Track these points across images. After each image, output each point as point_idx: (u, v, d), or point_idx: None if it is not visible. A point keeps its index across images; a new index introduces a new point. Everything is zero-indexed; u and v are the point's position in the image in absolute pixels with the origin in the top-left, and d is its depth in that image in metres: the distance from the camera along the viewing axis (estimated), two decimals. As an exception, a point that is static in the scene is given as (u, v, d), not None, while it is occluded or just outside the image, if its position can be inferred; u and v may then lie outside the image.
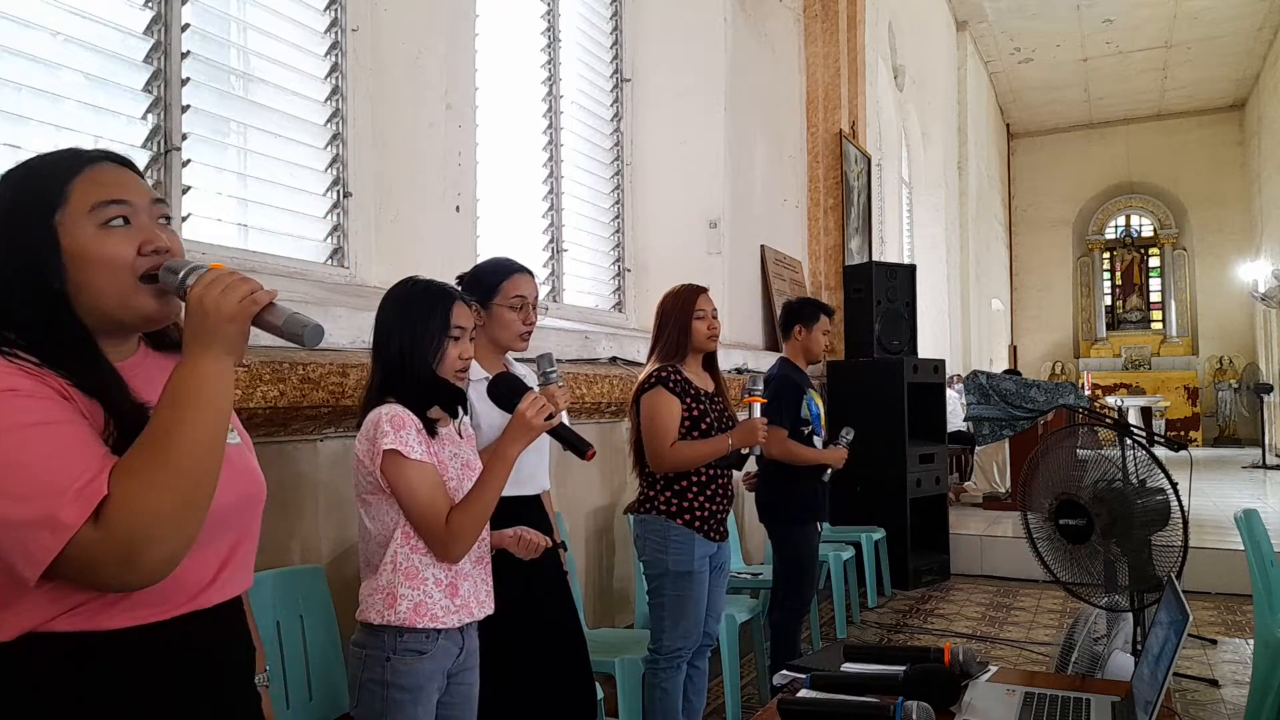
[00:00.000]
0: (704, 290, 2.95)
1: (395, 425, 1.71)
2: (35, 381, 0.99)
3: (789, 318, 3.76)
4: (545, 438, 2.30)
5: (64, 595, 1.00)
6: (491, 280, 2.33)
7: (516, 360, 2.51)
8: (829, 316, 3.78)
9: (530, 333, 2.36)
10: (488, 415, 2.24)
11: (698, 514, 2.79)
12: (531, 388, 1.85)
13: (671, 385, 2.80)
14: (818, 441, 3.58)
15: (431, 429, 1.78)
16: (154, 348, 1.19)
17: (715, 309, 2.97)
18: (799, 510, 3.51)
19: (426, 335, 1.79)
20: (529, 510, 2.35)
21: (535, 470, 2.39)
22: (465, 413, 1.91)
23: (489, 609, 1.86)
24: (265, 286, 1.06)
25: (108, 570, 0.96)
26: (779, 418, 3.34)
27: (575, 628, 2.42)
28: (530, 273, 2.40)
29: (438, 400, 1.82)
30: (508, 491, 2.22)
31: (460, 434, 1.90)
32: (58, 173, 1.08)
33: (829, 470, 3.54)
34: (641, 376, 2.90)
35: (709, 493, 2.83)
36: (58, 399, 1.00)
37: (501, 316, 2.31)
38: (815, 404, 3.58)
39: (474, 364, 2.27)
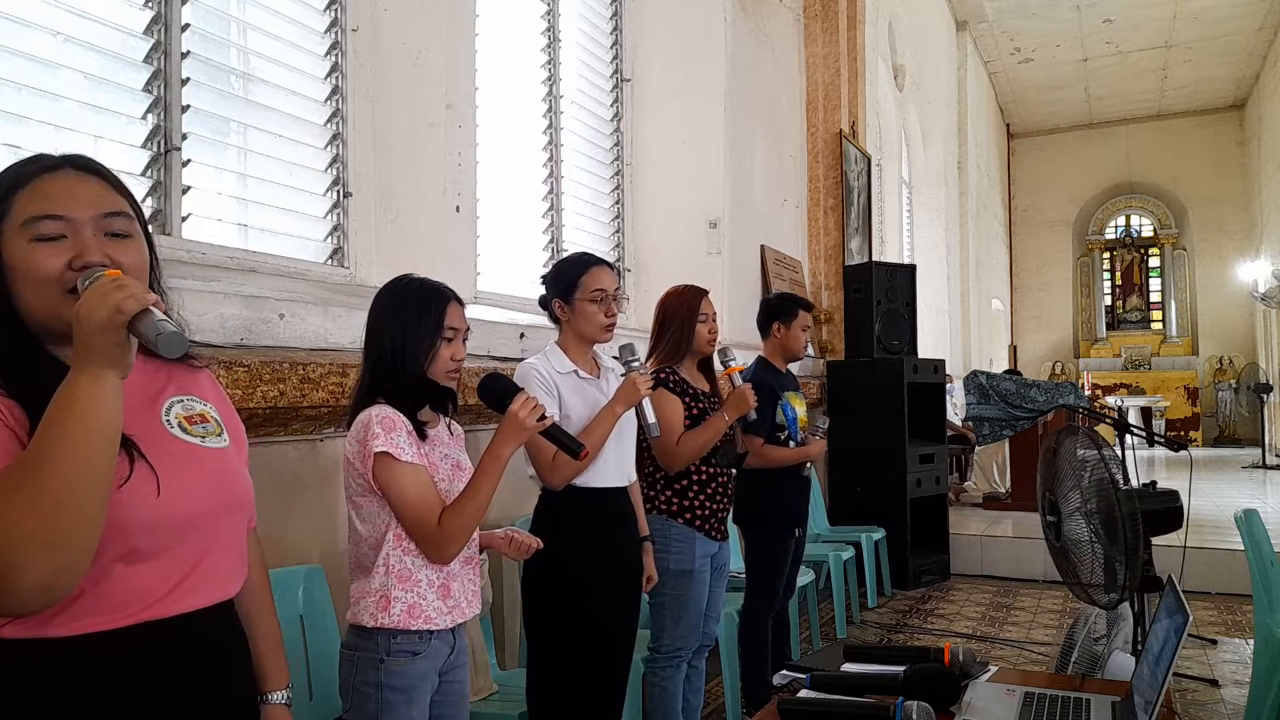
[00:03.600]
0: (706, 293, 2.96)
1: (386, 427, 1.69)
2: None
3: (767, 315, 3.65)
4: (629, 427, 2.37)
5: None
6: (572, 275, 2.38)
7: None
8: (809, 311, 3.66)
9: (614, 325, 2.40)
10: (576, 406, 2.31)
11: (699, 513, 2.79)
12: (522, 388, 1.84)
13: (671, 386, 2.81)
14: (793, 445, 3.47)
15: (421, 431, 1.76)
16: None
17: (716, 312, 2.98)
18: (776, 516, 3.44)
19: (418, 335, 1.78)
20: (616, 502, 2.40)
21: (622, 461, 2.44)
22: (454, 412, 1.90)
23: (478, 608, 1.86)
24: (143, 292, 1.00)
25: None
26: (754, 425, 3.20)
27: (629, 636, 2.46)
28: (610, 265, 2.45)
29: (428, 401, 1.81)
30: (595, 483, 2.33)
31: (450, 433, 1.89)
32: (5, 184, 1.06)
33: (810, 465, 3.49)
34: None
35: (709, 491, 2.83)
36: None
37: (584, 310, 2.36)
38: (792, 408, 3.46)
39: (562, 356, 2.33)
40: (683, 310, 2.90)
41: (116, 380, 0.98)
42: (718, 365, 3.02)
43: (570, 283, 2.37)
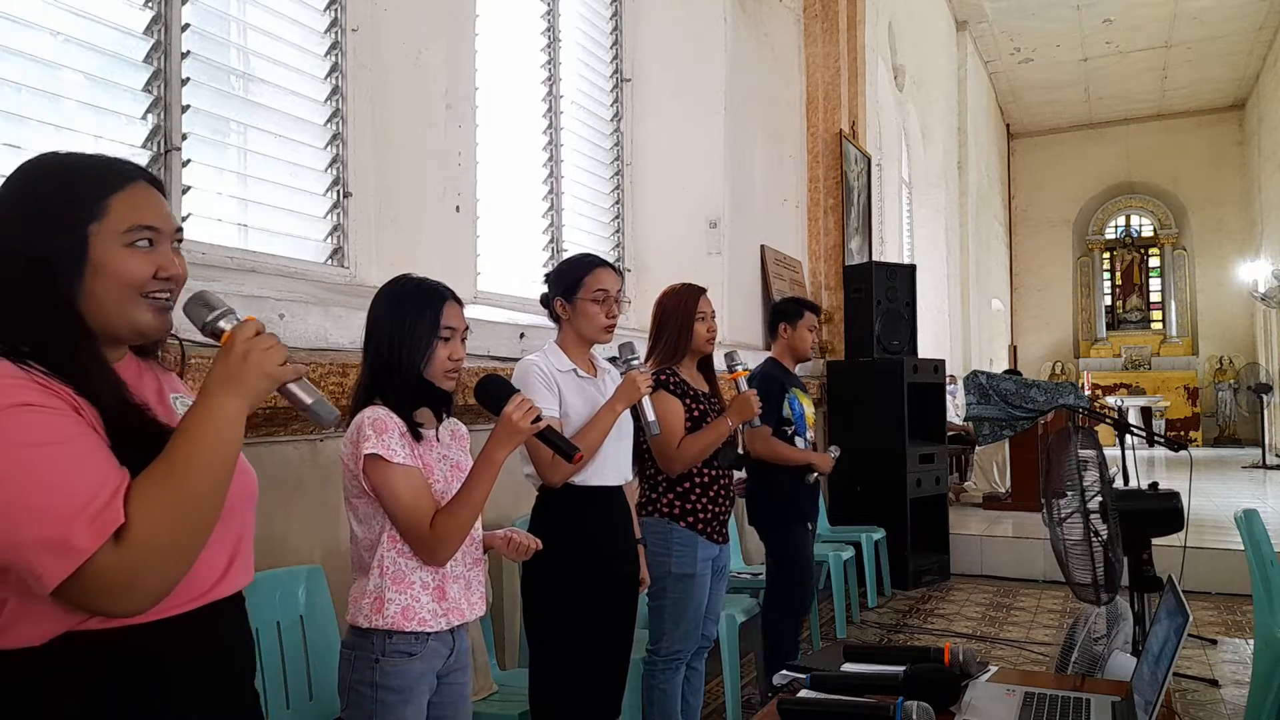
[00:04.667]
0: (704, 291, 2.94)
1: (377, 429, 1.68)
2: (48, 394, 0.99)
3: (774, 317, 3.76)
4: (628, 426, 2.37)
5: None
6: (575, 274, 2.39)
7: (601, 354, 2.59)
8: (815, 314, 3.73)
9: (614, 325, 2.41)
10: (575, 405, 2.31)
11: (700, 516, 2.79)
12: (518, 390, 1.83)
13: (671, 388, 2.81)
14: (800, 442, 3.51)
15: (416, 432, 1.75)
16: (135, 353, 1.22)
17: (714, 310, 2.97)
18: (788, 510, 3.47)
19: (415, 335, 1.76)
20: (612, 500, 2.40)
21: (620, 460, 2.43)
22: (450, 414, 1.89)
23: (480, 610, 1.84)
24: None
25: (114, 595, 0.97)
26: (762, 417, 3.27)
27: (628, 634, 2.46)
28: (613, 266, 2.45)
29: (424, 402, 1.80)
30: (594, 481, 2.32)
31: (447, 436, 1.86)
32: (96, 185, 1.09)
33: (815, 474, 3.50)
34: None
35: (711, 494, 2.82)
36: (70, 413, 1.00)
37: (585, 310, 2.36)
38: (799, 403, 3.52)
39: (562, 355, 2.33)
40: (680, 309, 2.89)
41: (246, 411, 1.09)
42: (721, 366, 3.01)
43: (573, 282, 2.38)
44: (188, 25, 2.56)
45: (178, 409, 1.21)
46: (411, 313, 1.78)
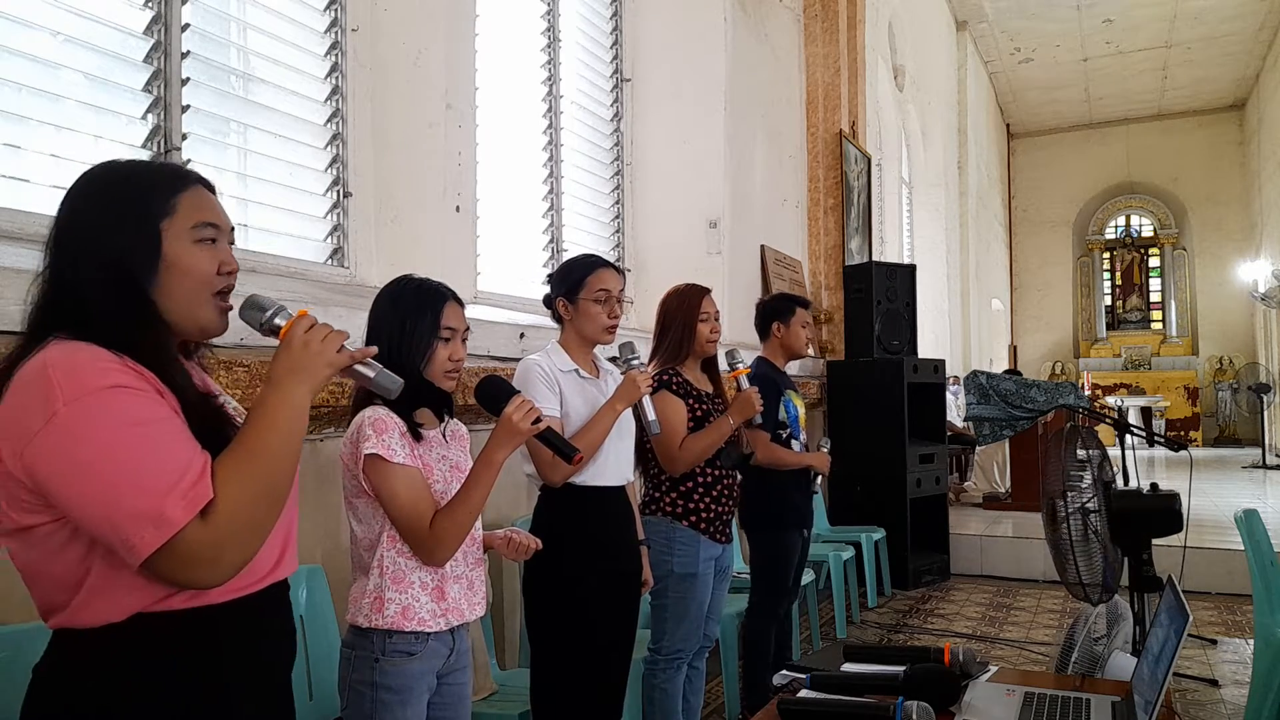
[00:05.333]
0: (707, 292, 2.94)
1: (377, 429, 1.68)
2: (139, 378, 1.07)
3: (765, 316, 3.60)
4: (629, 426, 2.38)
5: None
6: (577, 275, 2.39)
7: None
8: (806, 309, 3.60)
9: (616, 326, 2.41)
10: (577, 405, 2.32)
11: (703, 515, 2.78)
12: (518, 390, 1.83)
13: (674, 388, 2.80)
14: (795, 445, 3.45)
15: (416, 432, 1.75)
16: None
17: (717, 311, 2.96)
18: (783, 516, 3.41)
19: (416, 335, 1.76)
20: (613, 501, 2.40)
21: (621, 460, 2.43)
22: (451, 415, 1.89)
23: (480, 610, 1.84)
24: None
25: (200, 568, 1.05)
26: (761, 422, 3.17)
27: (629, 634, 2.46)
28: (615, 267, 2.45)
29: (424, 402, 1.80)
30: (594, 481, 2.32)
31: (447, 436, 1.86)
32: (164, 186, 1.18)
33: (818, 477, 3.47)
34: None
35: (714, 494, 2.82)
36: (157, 396, 1.08)
37: (587, 311, 2.37)
38: (793, 405, 3.46)
39: (564, 355, 2.33)
40: (683, 310, 2.88)
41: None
42: (723, 365, 3.00)
43: (575, 282, 2.38)
44: (188, 25, 2.56)
45: (225, 402, 1.29)
46: (412, 313, 1.78)
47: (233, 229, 1.25)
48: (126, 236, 1.12)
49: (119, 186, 1.16)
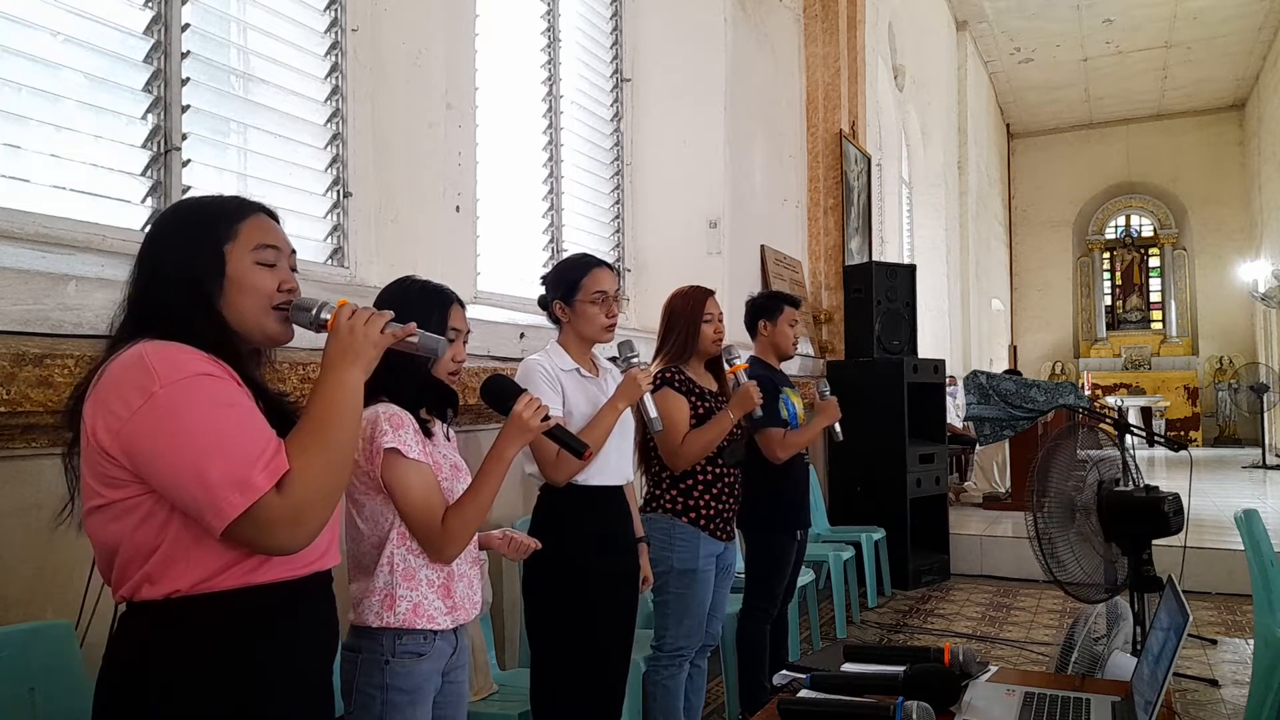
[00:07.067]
0: (712, 293, 2.95)
1: (394, 424, 1.70)
2: (223, 369, 1.22)
3: (752, 314, 3.55)
4: (629, 425, 2.37)
5: (229, 549, 1.19)
6: (572, 277, 2.39)
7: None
8: (795, 307, 3.54)
9: (614, 325, 2.42)
10: (579, 404, 2.33)
11: (704, 512, 2.79)
12: (526, 389, 1.85)
13: (677, 385, 2.81)
14: None
15: (426, 429, 1.77)
16: None
17: (721, 312, 2.97)
18: (776, 516, 3.39)
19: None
20: (613, 500, 2.40)
21: (620, 461, 2.43)
22: (455, 415, 1.90)
23: (479, 609, 1.86)
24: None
25: (279, 531, 1.17)
26: (763, 420, 3.17)
27: (629, 634, 2.45)
28: (610, 266, 2.46)
29: (430, 401, 1.81)
30: (595, 480, 2.33)
31: (449, 436, 1.89)
32: (230, 213, 1.33)
33: (839, 430, 3.39)
34: None
35: (715, 491, 2.82)
36: (237, 385, 1.23)
37: (585, 311, 2.37)
38: (792, 402, 3.42)
39: (564, 355, 2.35)
40: (688, 311, 2.89)
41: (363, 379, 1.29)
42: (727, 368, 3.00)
43: (571, 284, 2.38)
44: (188, 25, 2.56)
45: None
46: (418, 315, 1.78)
47: (293, 251, 1.39)
48: (197, 258, 1.28)
49: (192, 215, 1.34)
